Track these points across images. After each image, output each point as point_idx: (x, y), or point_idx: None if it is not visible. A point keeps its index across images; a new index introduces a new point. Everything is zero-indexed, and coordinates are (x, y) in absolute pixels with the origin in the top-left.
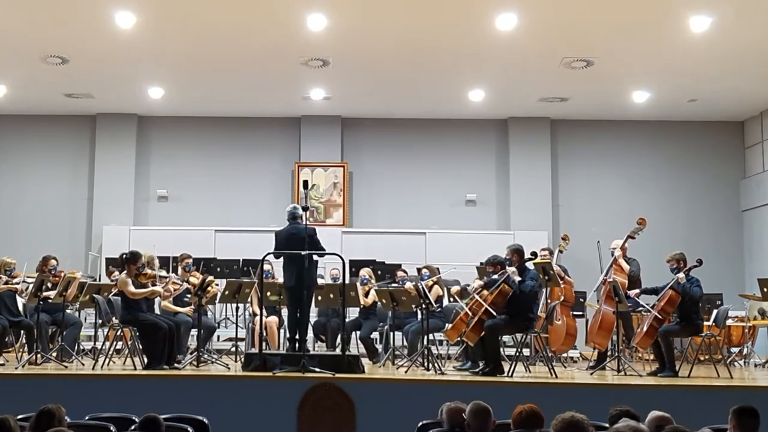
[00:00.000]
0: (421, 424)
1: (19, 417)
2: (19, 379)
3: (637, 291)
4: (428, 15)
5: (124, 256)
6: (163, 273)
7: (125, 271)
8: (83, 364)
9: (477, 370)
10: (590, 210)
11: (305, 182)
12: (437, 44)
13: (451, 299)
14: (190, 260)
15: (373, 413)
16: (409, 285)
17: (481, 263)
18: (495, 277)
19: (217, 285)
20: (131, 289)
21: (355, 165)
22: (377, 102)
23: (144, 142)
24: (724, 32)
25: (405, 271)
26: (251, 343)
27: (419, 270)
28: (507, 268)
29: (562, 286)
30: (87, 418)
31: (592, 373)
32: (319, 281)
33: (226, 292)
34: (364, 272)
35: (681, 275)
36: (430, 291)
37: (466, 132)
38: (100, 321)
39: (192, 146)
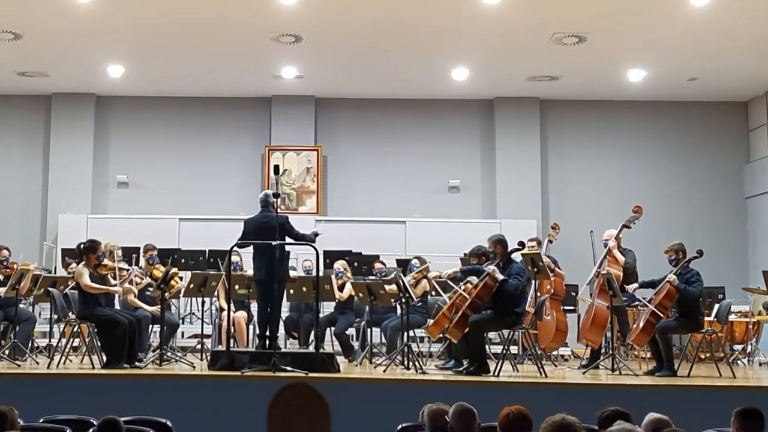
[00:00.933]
0: (400, 427)
1: None
2: None
3: (635, 285)
4: None
5: (83, 245)
6: (123, 265)
7: (83, 262)
8: (38, 363)
9: (461, 369)
10: (582, 197)
11: (276, 167)
12: (418, 18)
13: (433, 292)
14: (155, 252)
15: (349, 415)
16: (390, 288)
17: (465, 254)
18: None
19: (180, 279)
20: (86, 281)
21: (330, 149)
22: (353, 81)
23: (103, 124)
24: (727, 6)
25: (383, 263)
26: (218, 340)
27: (399, 261)
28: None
29: (551, 278)
30: (42, 420)
31: (584, 373)
32: (292, 273)
33: (191, 286)
34: (339, 265)
35: (672, 277)
36: (417, 285)
37: (449, 113)
38: (56, 316)
39: (154, 128)
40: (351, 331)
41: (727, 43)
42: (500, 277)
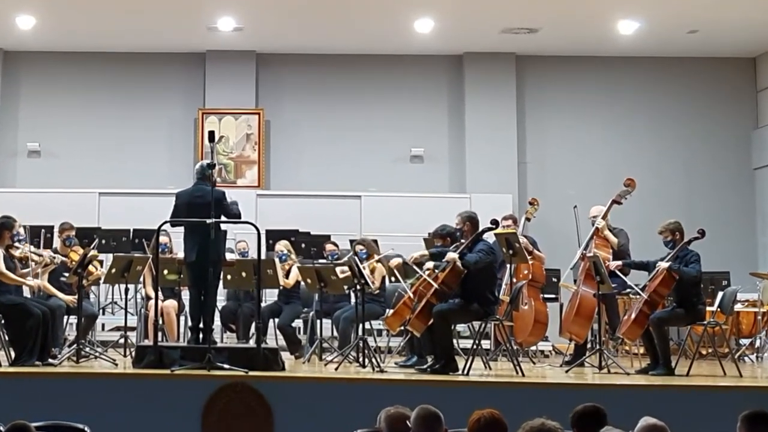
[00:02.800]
0: None
1: None
2: None
3: (618, 263)
4: None
5: None
6: (33, 248)
7: None
8: None
9: (424, 366)
10: (565, 168)
11: (211, 133)
12: None
13: (392, 278)
14: (73, 232)
15: (295, 420)
16: (341, 269)
17: (429, 234)
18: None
19: (101, 264)
20: (2, 267)
21: (274, 112)
22: (301, 34)
23: (11, 84)
24: None
25: (335, 244)
26: (144, 334)
27: (353, 242)
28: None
29: (529, 262)
30: None
31: (567, 371)
32: (229, 256)
33: (113, 271)
34: (281, 246)
35: (664, 264)
36: (372, 275)
37: (412, 71)
38: None
39: (71, 89)
40: (298, 323)
41: None
42: (452, 255)
